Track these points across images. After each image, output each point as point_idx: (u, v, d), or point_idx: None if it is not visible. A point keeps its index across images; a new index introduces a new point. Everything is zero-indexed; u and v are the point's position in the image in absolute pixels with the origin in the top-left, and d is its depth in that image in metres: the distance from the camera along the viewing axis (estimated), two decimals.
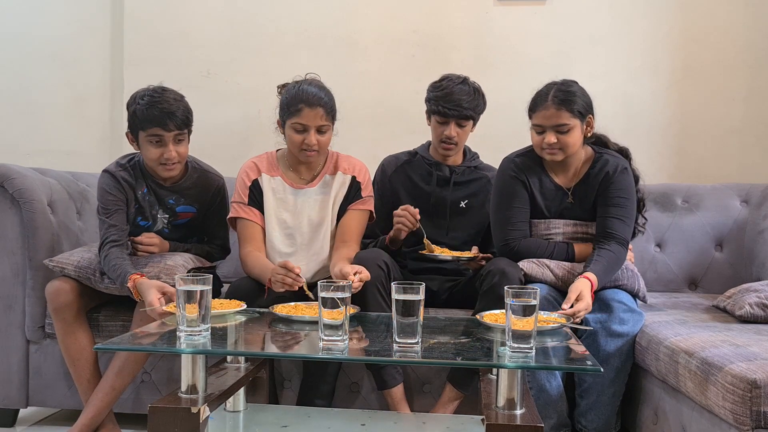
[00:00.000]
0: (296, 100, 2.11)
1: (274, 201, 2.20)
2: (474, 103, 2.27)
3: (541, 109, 2.06)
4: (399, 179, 2.41)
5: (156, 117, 2.05)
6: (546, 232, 2.14)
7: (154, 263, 2.07)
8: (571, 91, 2.05)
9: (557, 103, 2.03)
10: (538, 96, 2.10)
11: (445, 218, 2.35)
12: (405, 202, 2.25)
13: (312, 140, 2.11)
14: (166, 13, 3.15)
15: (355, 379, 2.14)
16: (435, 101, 2.27)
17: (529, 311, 1.37)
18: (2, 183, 2.20)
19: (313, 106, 2.10)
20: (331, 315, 1.44)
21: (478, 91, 2.31)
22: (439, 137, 2.31)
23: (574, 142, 2.06)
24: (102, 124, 3.25)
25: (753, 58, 2.94)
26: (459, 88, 2.26)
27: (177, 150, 2.10)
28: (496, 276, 1.96)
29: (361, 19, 3.08)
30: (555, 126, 2.03)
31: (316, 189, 2.22)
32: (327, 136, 2.15)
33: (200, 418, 1.38)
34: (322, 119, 2.11)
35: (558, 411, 1.96)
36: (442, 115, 2.26)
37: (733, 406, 1.39)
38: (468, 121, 2.30)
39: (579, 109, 2.04)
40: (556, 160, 2.09)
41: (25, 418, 2.36)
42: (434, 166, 2.38)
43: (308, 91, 2.12)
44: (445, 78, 2.31)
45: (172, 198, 2.22)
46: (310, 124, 2.10)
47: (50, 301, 2.10)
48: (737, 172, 2.92)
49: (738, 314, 1.95)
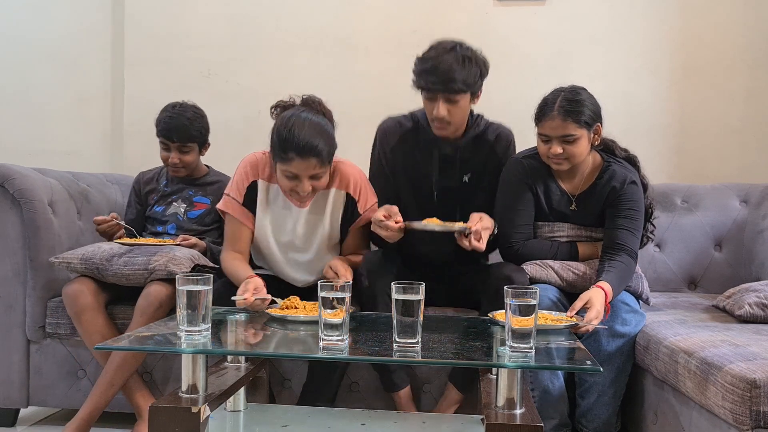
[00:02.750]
0: (286, 146, 1.89)
1: (267, 209, 2.08)
2: (465, 72, 1.97)
3: (547, 119, 1.99)
4: (401, 153, 2.18)
5: (164, 129, 2.40)
6: (550, 234, 2.14)
7: (163, 253, 2.10)
8: (578, 101, 1.98)
9: (563, 114, 1.96)
10: (545, 104, 2.02)
11: (449, 204, 2.15)
12: (403, 182, 2.15)
13: (305, 188, 1.93)
14: (166, 13, 3.15)
15: (355, 379, 2.14)
16: (419, 75, 2.01)
17: (529, 311, 1.37)
18: (3, 183, 2.20)
19: (305, 157, 1.88)
20: (330, 315, 1.44)
21: (471, 58, 1.99)
22: (430, 116, 2.06)
23: (581, 152, 2.02)
24: (103, 124, 3.25)
25: (753, 58, 2.94)
26: (446, 57, 1.96)
27: (181, 158, 2.42)
28: (502, 282, 1.86)
29: (361, 20, 3.08)
30: (561, 137, 1.99)
31: (309, 208, 2.08)
32: (323, 180, 1.97)
33: (200, 418, 1.38)
34: (315, 168, 1.91)
35: (560, 411, 1.96)
36: (429, 90, 1.99)
37: (732, 405, 1.39)
38: (460, 95, 1.99)
39: (586, 119, 1.98)
40: (561, 169, 2.07)
41: (25, 418, 2.36)
42: (434, 143, 2.13)
43: (300, 139, 1.87)
44: (432, 47, 2.03)
45: (191, 190, 2.48)
46: (302, 174, 1.91)
47: (70, 305, 2.11)
48: (737, 172, 2.92)
49: (737, 314, 1.95)
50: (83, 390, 2.22)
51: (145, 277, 2.08)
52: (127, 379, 2.08)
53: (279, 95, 3.12)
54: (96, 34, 3.23)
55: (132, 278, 2.08)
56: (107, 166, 3.22)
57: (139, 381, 2.14)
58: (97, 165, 3.16)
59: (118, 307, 2.18)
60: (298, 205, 2.06)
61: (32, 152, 3.19)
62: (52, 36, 3.25)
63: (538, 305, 1.39)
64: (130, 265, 2.08)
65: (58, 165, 2.67)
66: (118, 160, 3.22)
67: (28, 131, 3.27)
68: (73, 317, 2.12)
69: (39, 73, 3.26)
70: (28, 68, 3.27)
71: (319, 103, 2.07)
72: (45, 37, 3.25)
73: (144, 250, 2.12)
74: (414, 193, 2.18)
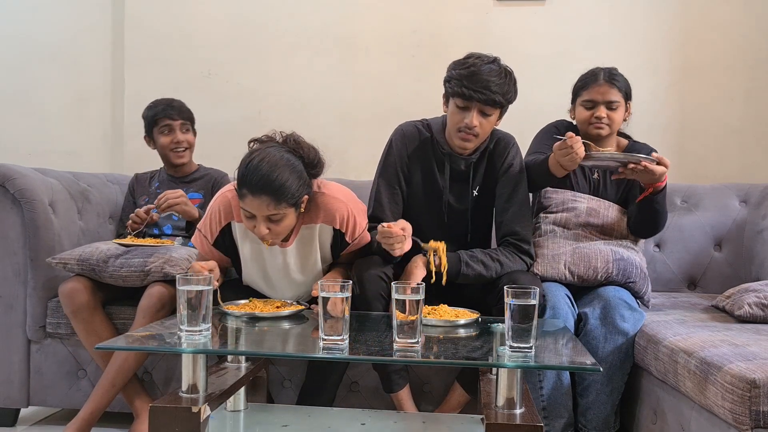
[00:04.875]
0: (241, 182, 1.78)
1: (252, 246, 1.98)
2: (505, 87, 1.93)
3: (594, 85, 2.20)
4: (418, 160, 2.09)
5: (161, 110, 2.48)
6: (572, 201, 2.23)
7: (159, 254, 2.10)
8: (619, 74, 2.23)
9: (609, 81, 2.20)
10: (590, 75, 2.24)
11: (460, 220, 2.12)
12: (417, 192, 2.10)
13: (261, 230, 1.79)
14: (166, 13, 3.16)
15: (355, 379, 2.14)
16: (458, 80, 1.92)
17: (529, 311, 1.37)
18: (3, 183, 2.21)
19: (257, 194, 1.75)
20: (332, 314, 1.44)
21: (510, 74, 1.96)
22: (457, 125, 1.97)
23: (619, 120, 2.23)
24: (103, 124, 3.26)
25: (753, 58, 2.94)
26: (488, 67, 1.92)
27: (185, 137, 2.50)
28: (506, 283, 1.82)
29: (361, 20, 3.09)
30: (606, 101, 2.19)
31: (293, 247, 1.97)
32: (284, 223, 1.81)
33: (201, 418, 1.38)
34: (269, 208, 1.75)
35: (568, 409, 1.96)
36: (465, 98, 1.91)
37: (732, 405, 1.39)
38: (495, 109, 1.95)
39: (627, 90, 2.23)
40: (602, 134, 2.20)
41: (25, 418, 2.36)
42: (448, 157, 2.08)
43: (254, 175, 1.74)
44: (471, 55, 1.96)
45: (183, 189, 2.43)
46: (255, 213, 1.78)
47: (66, 304, 2.11)
48: (737, 172, 2.93)
49: (737, 314, 1.95)
50: (83, 390, 2.22)
51: (142, 279, 2.07)
52: (129, 379, 2.08)
53: (279, 95, 3.15)
54: (96, 33, 3.24)
55: (128, 279, 2.08)
56: (107, 166, 3.22)
57: (137, 384, 2.13)
58: (97, 165, 3.17)
59: (117, 307, 2.18)
60: (279, 245, 1.95)
61: (32, 152, 3.20)
62: (52, 36, 3.25)
63: (537, 305, 1.40)
64: (126, 267, 2.08)
65: (58, 165, 2.67)
66: (118, 160, 3.22)
67: (28, 131, 3.27)
68: (69, 316, 2.12)
69: (39, 73, 3.27)
70: (28, 68, 3.27)
71: (296, 141, 1.88)
72: (45, 37, 3.25)
73: (141, 252, 2.12)
74: (426, 207, 2.13)
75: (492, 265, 2.00)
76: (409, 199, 2.14)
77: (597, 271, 2.06)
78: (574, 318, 1.98)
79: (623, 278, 2.05)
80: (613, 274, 2.05)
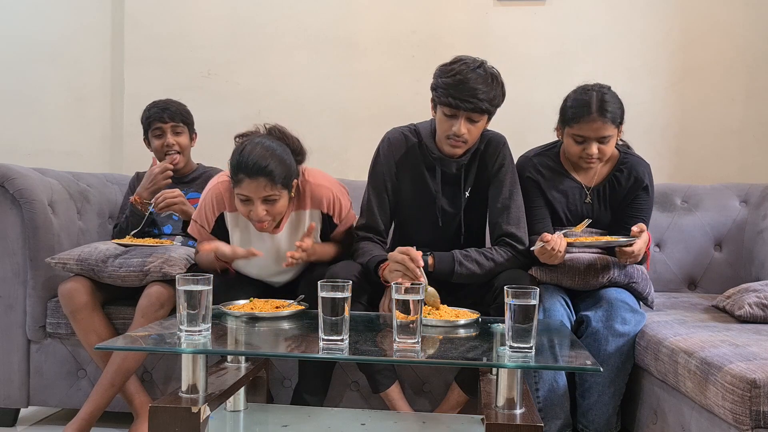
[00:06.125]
0: (237, 169, 1.91)
1: (243, 235, 2.08)
2: (491, 93, 1.92)
3: (586, 120, 2.01)
4: (407, 166, 2.10)
5: (154, 113, 2.48)
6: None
7: (158, 254, 2.10)
8: (612, 99, 2.03)
9: (602, 114, 2.00)
10: (580, 105, 2.03)
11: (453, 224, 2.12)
12: (408, 198, 2.12)
13: (259, 212, 1.92)
14: (166, 13, 3.15)
15: (355, 379, 2.14)
16: (444, 89, 1.92)
17: (529, 311, 1.37)
18: (3, 183, 2.20)
19: (254, 177, 1.88)
20: (332, 315, 1.44)
21: (497, 78, 1.95)
22: (446, 132, 1.98)
23: (611, 150, 2.09)
24: (102, 124, 3.25)
25: (753, 58, 2.94)
26: (475, 74, 1.91)
27: (176, 140, 2.48)
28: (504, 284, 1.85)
29: (360, 20, 3.08)
30: (599, 138, 2.02)
31: (283, 232, 2.07)
32: (279, 204, 1.95)
33: (201, 418, 1.38)
34: (266, 189, 1.89)
35: (564, 410, 1.96)
36: (452, 107, 1.92)
37: (732, 405, 1.39)
38: (482, 116, 1.96)
39: (619, 119, 2.05)
40: (592, 167, 2.12)
41: (25, 418, 2.36)
42: (438, 161, 2.08)
43: (249, 160, 1.88)
44: (457, 60, 1.95)
45: (183, 189, 2.43)
46: (252, 195, 1.90)
47: (66, 304, 2.11)
48: (736, 172, 2.93)
49: (737, 314, 1.95)
50: (83, 390, 2.22)
51: (141, 279, 2.08)
52: (128, 379, 2.08)
53: (279, 95, 3.14)
54: (95, 33, 3.24)
55: (127, 279, 2.08)
56: (107, 166, 3.22)
57: (136, 384, 2.13)
58: (97, 165, 3.17)
59: (116, 307, 2.18)
60: (271, 231, 2.05)
61: (32, 152, 3.19)
62: (52, 36, 3.25)
63: (538, 306, 1.39)
64: (125, 267, 2.08)
65: (58, 165, 2.67)
66: (118, 160, 3.22)
67: (28, 131, 3.27)
68: (69, 316, 2.12)
69: (39, 73, 3.26)
70: (28, 68, 3.27)
71: (281, 131, 2.02)
72: (45, 36, 3.25)
73: (140, 252, 2.12)
74: (419, 212, 2.14)
75: (486, 264, 2.00)
76: (401, 206, 2.15)
77: (598, 272, 2.05)
78: (570, 320, 1.98)
79: (626, 279, 2.05)
80: (615, 276, 2.04)
